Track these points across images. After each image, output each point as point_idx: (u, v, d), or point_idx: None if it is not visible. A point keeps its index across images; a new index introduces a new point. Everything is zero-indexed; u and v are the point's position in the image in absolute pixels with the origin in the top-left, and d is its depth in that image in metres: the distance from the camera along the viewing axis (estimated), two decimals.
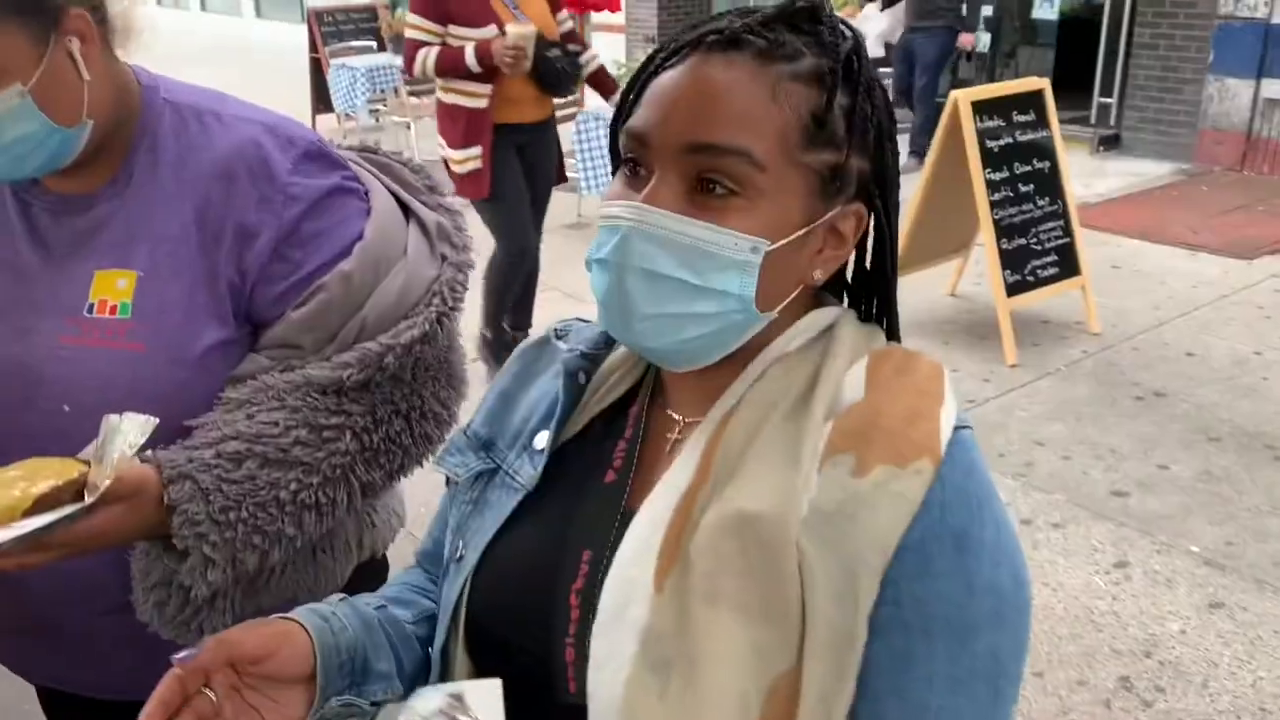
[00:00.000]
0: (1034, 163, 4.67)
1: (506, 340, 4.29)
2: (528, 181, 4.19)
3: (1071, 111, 8.21)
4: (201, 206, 1.13)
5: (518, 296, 4.37)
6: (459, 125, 3.97)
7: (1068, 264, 4.78)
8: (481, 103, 3.92)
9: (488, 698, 0.75)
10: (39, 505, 0.89)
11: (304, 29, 9.81)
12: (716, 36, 0.78)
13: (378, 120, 8.88)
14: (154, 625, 1.13)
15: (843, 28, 0.81)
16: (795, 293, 0.82)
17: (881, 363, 0.80)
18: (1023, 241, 4.62)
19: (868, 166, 0.82)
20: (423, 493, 1.56)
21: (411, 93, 8.21)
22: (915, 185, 4.57)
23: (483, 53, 3.79)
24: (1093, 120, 8.34)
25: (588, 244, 0.82)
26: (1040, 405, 4.13)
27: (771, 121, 0.76)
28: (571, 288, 5.21)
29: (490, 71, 3.84)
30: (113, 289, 1.13)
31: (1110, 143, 8.09)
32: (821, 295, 0.89)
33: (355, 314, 1.15)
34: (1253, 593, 2.96)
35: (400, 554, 1.36)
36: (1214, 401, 4.10)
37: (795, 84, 0.77)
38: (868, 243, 0.88)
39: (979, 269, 5.04)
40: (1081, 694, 2.60)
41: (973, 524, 0.74)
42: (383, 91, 8.31)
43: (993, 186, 4.51)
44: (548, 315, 3.97)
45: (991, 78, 9.16)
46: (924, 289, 5.26)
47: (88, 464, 0.94)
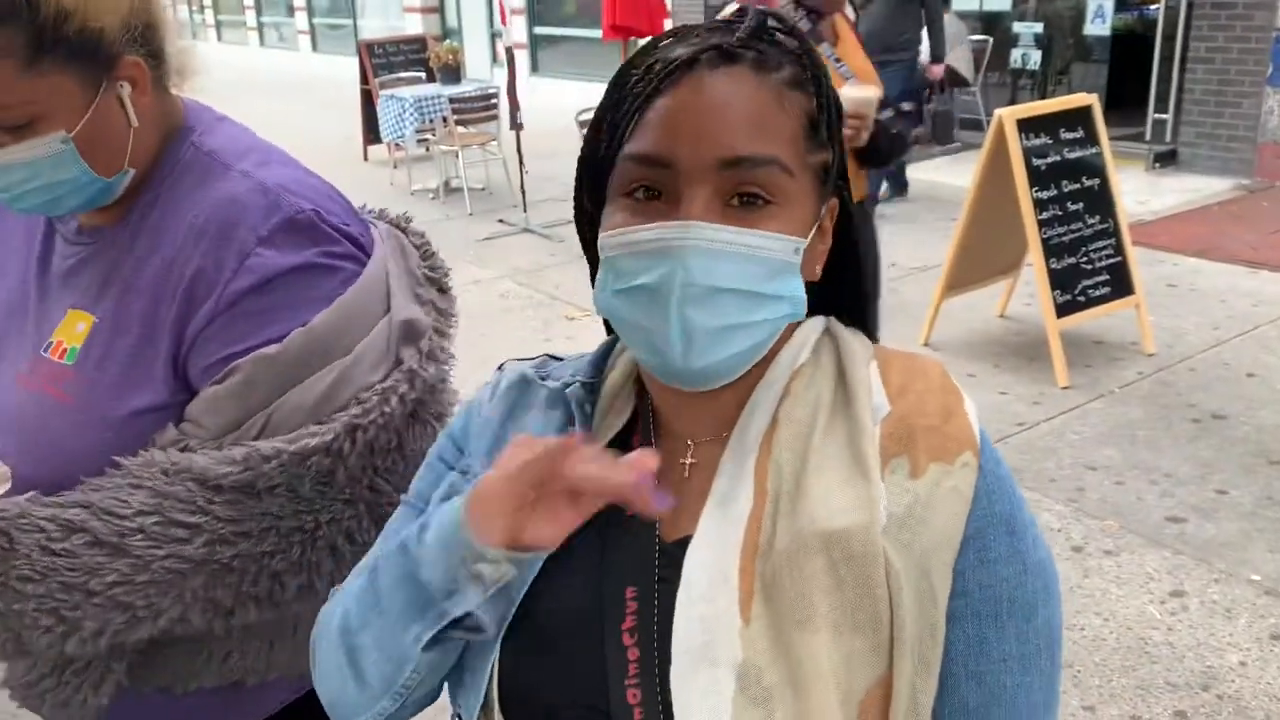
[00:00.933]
0: (1083, 180, 4.57)
1: None
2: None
3: (1126, 128, 8.07)
4: (170, 260, 1.08)
5: None
6: None
7: (1120, 283, 4.67)
8: None
9: None
10: None
11: (357, 61, 9.99)
12: (712, 54, 0.77)
13: (427, 149, 8.98)
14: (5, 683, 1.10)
15: (802, 40, 0.83)
16: None
17: (889, 366, 0.84)
18: (1072, 261, 4.52)
19: (839, 160, 0.85)
20: None
21: (459, 122, 8.30)
22: (962, 207, 4.50)
23: None
24: (1148, 136, 8.17)
25: None
26: (1093, 428, 4.03)
27: (785, 128, 0.78)
28: None
29: None
30: (71, 331, 1.11)
31: (1166, 159, 7.92)
32: None
33: (266, 406, 1.06)
34: None
35: None
36: (1276, 424, 3.96)
37: (791, 91, 0.79)
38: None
39: (1029, 289, 4.95)
40: None
41: (1014, 508, 0.79)
42: (430, 121, 8.41)
43: (1040, 205, 4.43)
44: None
45: (1043, 95, 9.04)
46: (973, 310, 5.18)
47: None
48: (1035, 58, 9.20)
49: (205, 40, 24.35)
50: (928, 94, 7.62)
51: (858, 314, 0.91)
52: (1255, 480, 3.58)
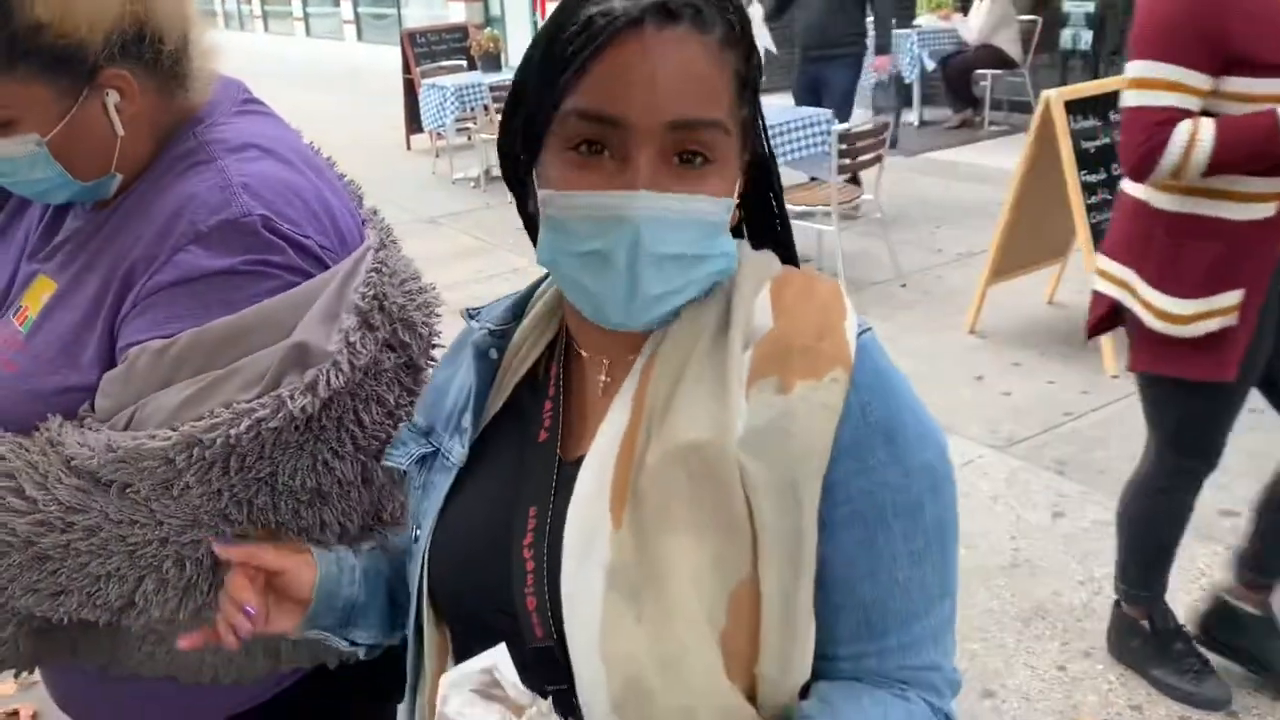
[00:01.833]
0: None
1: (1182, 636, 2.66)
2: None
3: None
4: (128, 248, 1.07)
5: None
6: (1203, 253, 2.22)
7: None
8: (1266, 211, 2.18)
9: (503, 660, 0.80)
10: None
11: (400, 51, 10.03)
12: (655, 12, 0.79)
13: (469, 138, 9.00)
14: None
15: None
16: None
17: (783, 288, 0.88)
18: None
19: (756, 114, 0.89)
20: None
21: (500, 110, 8.29)
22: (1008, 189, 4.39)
23: None
24: None
25: None
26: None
27: (724, 89, 0.82)
28: None
29: None
30: (37, 299, 1.11)
31: None
32: None
33: (139, 399, 1.03)
34: None
35: None
36: None
37: (724, 49, 0.82)
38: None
39: (1078, 275, 4.83)
40: None
41: (893, 416, 0.83)
42: (472, 110, 8.41)
43: (1089, 189, 4.32)
44: None
45: (1094, 76, 8.85)
46: (1020, 297, 5.08)
47: None
48: (1086, 38, 9.00)
49: (253, 31, 24.65)
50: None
51: (781, 240, 0.96)
52: None
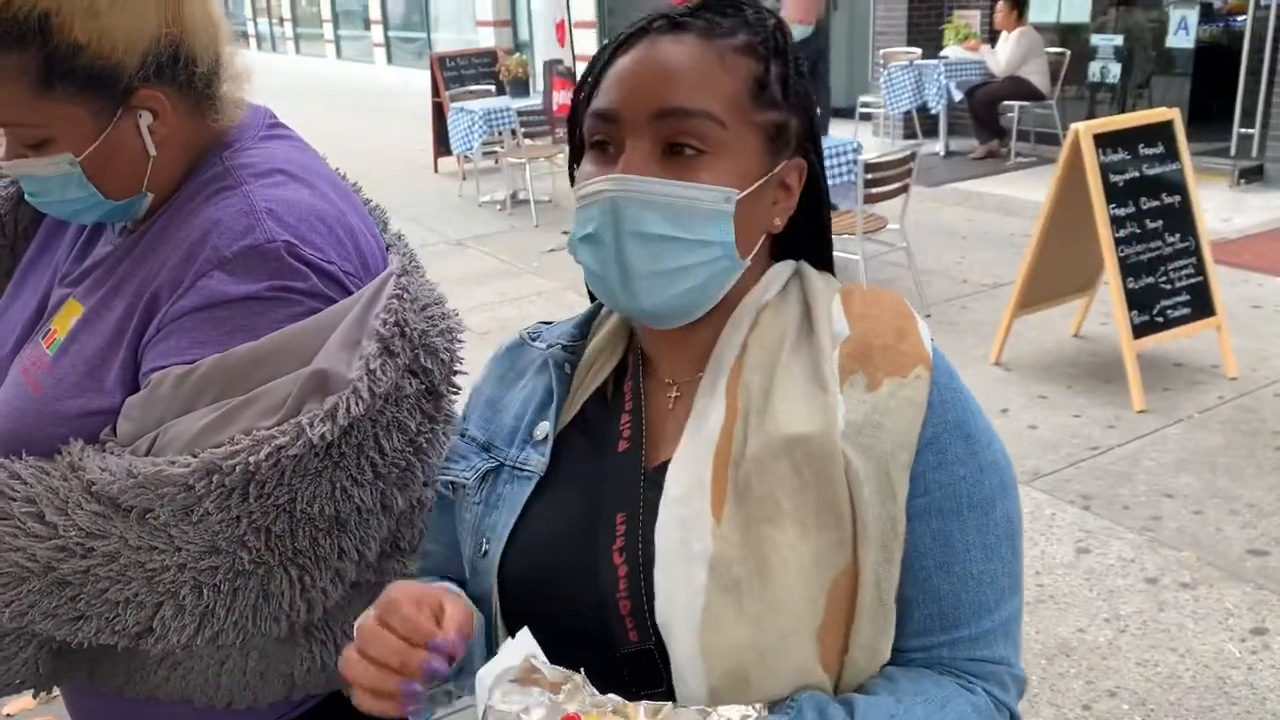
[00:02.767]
0: (1163, 197, 4.42)
1: None
2: None
3: (1209, 143, 7.82)
4: (154, 273, 1.08)
5: None
6: None
7: (1201, 304, 4.50)
8: None
9: (529, 644, 0.81)
10: None
11: (429, 74, 10.11)
12: (662, 22, 0.88)
13: (496, 161, 9.06)
14: None
15: (765, 11, 0.91)
16: (762, 240, 0.93)
17: (851, 298, 0.93)
18: (1150, 280, 4.38)
19: (802, 126, 0.92)
20: None
21: (527, 134, 8.34)
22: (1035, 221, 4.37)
23: None
24: (1233, 152, 7.91)
25: None
26: (1170, 454, 3.88)
27: (724, 85, 0.86)
28: None
29: None
30: (66, 323, 1.12)
31: (1252, 175, 7.66)
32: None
33: (160, 425, 1.04)
34: None
35: None
36: None
37: (737, 55, 0.88)
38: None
39: (1105, 309, 4.80)
40: None
41: (967, 414, 0.87)
42: (499, 133, 8.47)
43: (1117, 223, 4.29)
44: None
45: (1122, 109, 8.82)
46: (1047, 329, 5.05)
47: None
48: (1115, 71, 8.97)
49: (284, 53, 24.94)
50: None
51: (825, 261, 1.00)
52: None
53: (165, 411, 1.03)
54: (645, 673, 0.85)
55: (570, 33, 7.53)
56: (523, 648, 0.81)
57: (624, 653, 0.86)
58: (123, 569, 1.03)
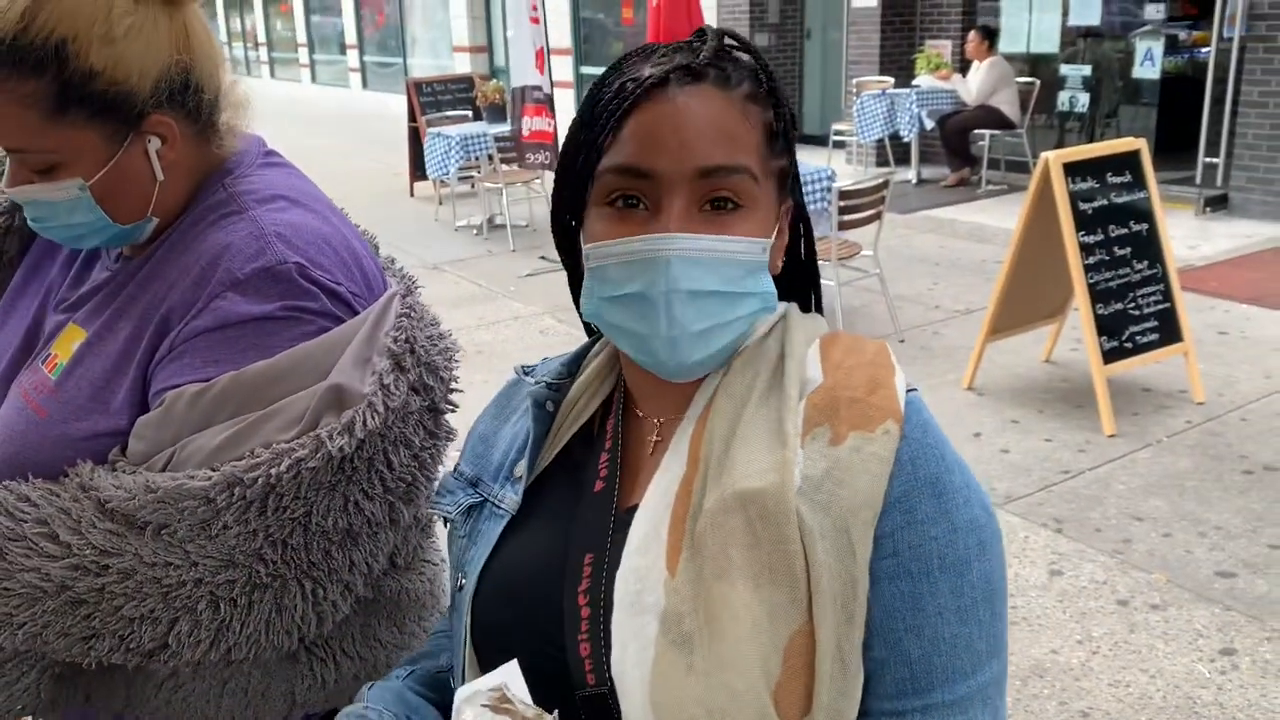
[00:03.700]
0: (1130, 225, 4.50)
1: None
2: None
3: (1176, 171, 7.97)
4: (162, 296, 1.09)
5: None
6: None
7: (1169, 330, 4.58)
8: None
9: (514, 677, 0.82)
10: None
11: (406, 99, 10.14)
12: (680, 72, 0.86)
13: (472, 186, 9.08)
14: None
15: (753, 50, 0.91)
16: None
17: (832, 345, 0.91)
18: (1120, 306, 4.45)
19: (792, 166, 0.94)
20: None
21: (504, 160, 8.38)
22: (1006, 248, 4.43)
23: None
24: (1198, 180, 8.06)
25: None
26: (1140, 478, 3.93)
27: (750, 139, 0.87)
28: None
29: None
30: (67, 347, 1.12)
31: (1217, 203, 7.80)
32: None
33: (177, 442, 1.05)
34: None
35: None
36: None
37: (751, 104, 0.88)
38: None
39: (1075, 334, 4.87)
40: None
41: (942, 471, 0.83)
42: (476, 158, 8.50)
43: (1086, 250, 4.37)
44: None
45: (1091, 138, 8.96)
46: (1017, 355, 5.11)
47: None
48: (1083, 100, 9.13)
49: (259, 76, 24.89)
50: None
51: (814, 300, 1.01)
52: None
53: (180, 429, 1.04)
54: (601, 717, 0.84)
55: (549, 60, 7.57)
56: (504, 676, 0.81)
57: (582, 695, 0.85)
58: (139, 585, 1.03)
